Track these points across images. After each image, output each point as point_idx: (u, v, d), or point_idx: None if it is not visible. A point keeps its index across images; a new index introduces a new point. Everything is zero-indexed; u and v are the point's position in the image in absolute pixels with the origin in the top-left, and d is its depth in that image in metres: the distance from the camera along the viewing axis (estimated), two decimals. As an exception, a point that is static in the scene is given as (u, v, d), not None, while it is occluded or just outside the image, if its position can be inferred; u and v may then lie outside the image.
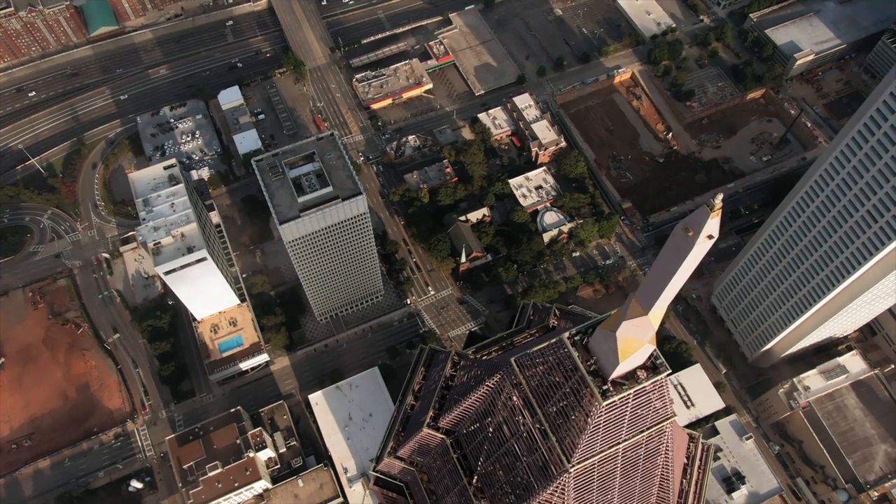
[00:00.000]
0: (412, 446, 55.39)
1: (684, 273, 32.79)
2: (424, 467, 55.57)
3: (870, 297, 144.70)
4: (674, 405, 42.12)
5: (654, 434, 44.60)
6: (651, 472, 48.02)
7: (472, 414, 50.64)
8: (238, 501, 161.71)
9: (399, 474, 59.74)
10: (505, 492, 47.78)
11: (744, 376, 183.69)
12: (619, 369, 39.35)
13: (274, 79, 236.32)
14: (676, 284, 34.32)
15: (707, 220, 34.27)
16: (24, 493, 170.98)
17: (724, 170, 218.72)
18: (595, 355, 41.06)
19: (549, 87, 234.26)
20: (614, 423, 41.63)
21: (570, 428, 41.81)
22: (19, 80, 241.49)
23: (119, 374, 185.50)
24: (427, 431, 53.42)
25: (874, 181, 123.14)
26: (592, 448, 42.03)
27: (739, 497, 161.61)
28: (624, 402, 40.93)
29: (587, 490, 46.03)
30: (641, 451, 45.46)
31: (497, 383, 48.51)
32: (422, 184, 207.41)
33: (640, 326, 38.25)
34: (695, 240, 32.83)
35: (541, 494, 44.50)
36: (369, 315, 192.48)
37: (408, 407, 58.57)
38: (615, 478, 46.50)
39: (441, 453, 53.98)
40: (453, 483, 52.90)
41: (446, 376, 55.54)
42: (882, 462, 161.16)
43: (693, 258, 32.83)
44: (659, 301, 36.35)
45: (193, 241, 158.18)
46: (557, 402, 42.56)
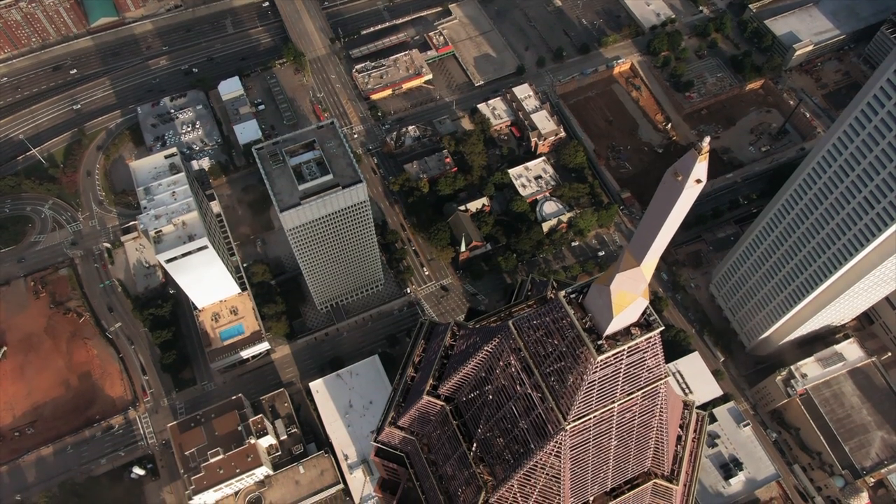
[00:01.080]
0: (412, 415, 56.24)
1: (674, 220, 33.50)
2: (425, 437, 56.42)
3: (867, 284, 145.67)
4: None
5: (648, 394, 45.42)
6: (646, 434, 48.94)
7: (471, 380, 51.50)
8: (239, 487, 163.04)
9: (400, 444, 60.56)
10: (504, 458, 48.66)
11: (742, 364, 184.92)
12: (613, 324, 40.13)
13: (274, 69, 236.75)
14: (667, 233, 35.01)
15: (695, 164, 34.81)
16: (27, 480, 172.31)
17: (723, 160, 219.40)
18: (590, 312, 41.91)
19: (549, 77, 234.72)
20: (609, 381, 42.48)
21: (566, 388, 42.75)
22: (20, 71, 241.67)
23: (121, 362, 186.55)
24: (427, 399, 54.21)
25: (871, 167, 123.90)
26: (588, 406, 42.85)
27: (737, 483, 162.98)
28: (618, 358, 41.75)
29: (583, 450, 46.89)
30: (636, 411, 46.32)
31: (496, 347, 49.34)
32: (422, 174, 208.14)
33: (633, 278, 38.99)
34: (684, 184, 33.49)
35: (538, 454, 45.34)
36: (369, 304, 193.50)
37: (408, 378, 59.44)
38: (611, 438, 47.40)
39: (441, 421, 54.88)
40: (452, 450, 53.75)
41: (446, 346, 56.38)
42: (878, 448, 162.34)
43: (683, 203, 33.48)
44: (651, 251, 37.03)
45: (194, 229, 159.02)
46: (554, 363, 43.39)
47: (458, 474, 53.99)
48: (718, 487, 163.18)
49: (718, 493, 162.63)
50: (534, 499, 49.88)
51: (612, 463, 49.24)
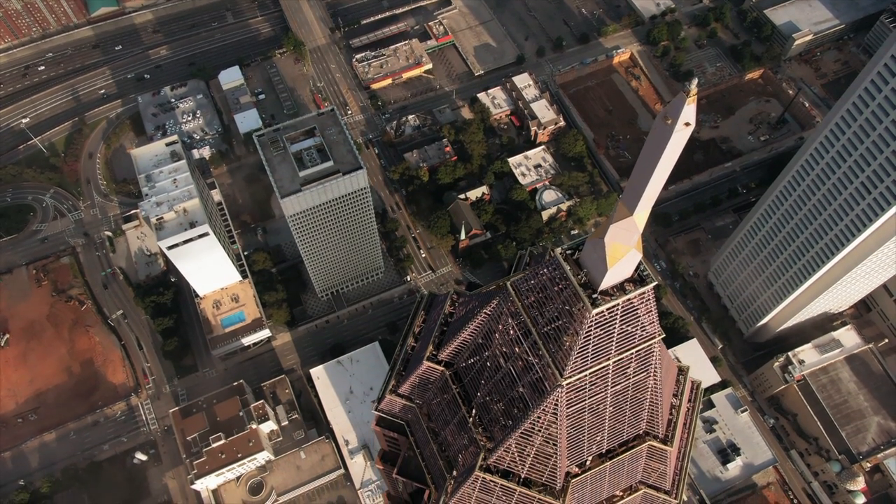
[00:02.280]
0: (413, 382, 57.23)
1: (665, 166, 34.22)
2: (425, 404, 57.49)
3: (864, 270, 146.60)
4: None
5: (642, 352, 46.36)
6: (641, 394, 49.89)
7: (470, 344, 52.50)
8: (241, 472, 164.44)
9: (400, 413, 61.57)
10: (502, 423, 49.64)
11: (740, 351, 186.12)
12: (608, 278, 40.97)
13: (274, 59, 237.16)
14: (659, 179, 35.78)
15: (684, 106, 35.45)
16: (30, 466, 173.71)
17: (722, 149, 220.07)
18: (585, 267, 42.81)
19: (549, 67, 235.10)
20: (604, 337, 43.38)
21: (563, 345, 43.71)
22: (20, 61, 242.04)
23: (122, 349, 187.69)
24: (427, 365, 55.12)
25: (868, 152, 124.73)
26: (584, 361, 43.74)
27: (734, 468, 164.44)
28: (613, 313, 42.62)
29: (579, 409, 47.84)
30: (631, 370, 47.22)
31: (494, 309, 50.29)
32: (421, 162, 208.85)
33: (626, 228, 39.90)
34: (673, 127, 34.19)
35: (535, 412, 46.30)
36: (370, 292, 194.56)
37: (408, 348, 60.44)
38: (606, 397, 48.34)
39: (441, 388, 55.87)
40: (452, 415, 54.76)
41: (445, 314, 57.44)
42: (875, 434, 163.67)
43: (673, 148, 34.11)
44: (643, 199, 37.91)
45: (196, 216, 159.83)
46: (551, 323, 44.36)
47: (458, 439, 55.02)
48: (716, 472, 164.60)
49: (716, 477, 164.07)
50: (531, 460, 50.99)
51: (607, 424, 50.25)
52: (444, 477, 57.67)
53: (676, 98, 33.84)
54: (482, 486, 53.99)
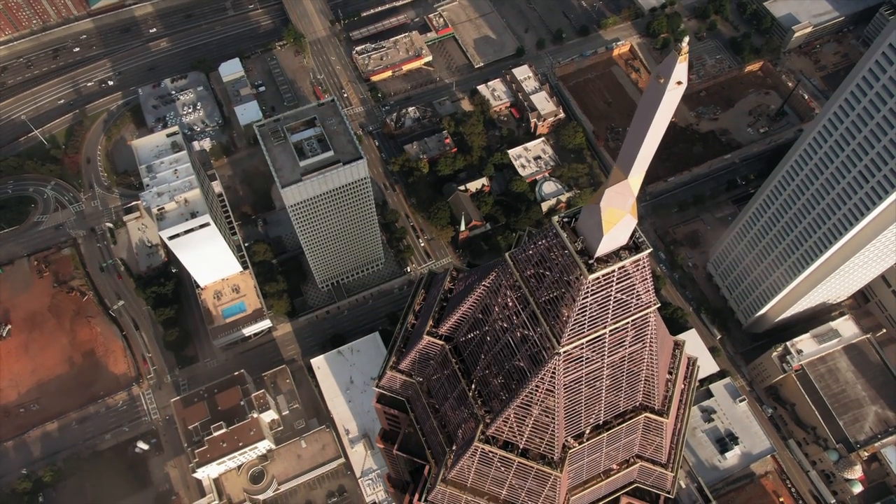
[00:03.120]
0: (413, 357, 57.88)
1: (658, 127, 34.78)
2: (425, 380, 58.22)
3: (862, 259, 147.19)
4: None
5: (638, 321, 47.01)
6: (637, 365, 50.51)
7: (469, 317, 53.20)
8: (242, 461, 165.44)
9: (401, 389, 62.30)
10: (501, 396, 50.37)
11: (738, 342, 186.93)
12: (603, 244, 41.55)
13: (274, 51, 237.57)
14: (652, 141, 36.35)
15: (676, 65, 35.98)
16: (32, 455, 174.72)
17: (722, 141, 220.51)
18: (582, 234, 43.49)
19: (548, 59, 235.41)
20: (600, 305, 44.00)
21: (560, 315, 44.41)
22: (21, 53, 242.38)
23: (124, 340, 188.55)
24: (427, 339, 55.75)
25: (866, 141, 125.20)
26: (580, 329, 44.35)
27: (732, 457, 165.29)
28: (608, 280, 43.23)
29: (576, 378, 48.51)
30: (627, 340, 47.87)
31: (493, 281, 50.94)
32: (421, 154, 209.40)
33: (621, 193, 40.53)
34: (665, 86, 34.76)
35: (533, 381, 46.97)
36: (370, 282, 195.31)
37: (409, 325, 61.18)
38: (602, 367, 48.98)
39: (441, 362, 56.54)
40: (452, 389, 55.52)
41: (445, 290, 58.15)
42: (872, 423, 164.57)
43: (665, 107, 34.56)
44: (637, 162, 38.49)
45: (196, 206, 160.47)
46: (549, 293, 45.05)
47: (458, 413, 55.76)
48: (714, 461, 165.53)
49: (714, 466, 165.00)
50: (529, 430, 51.77)
51: (604, 394, 50.97)
52: (443, 451, 58.47)
53: (668, 57, 34.45)
54: (481, 457, 54.78)
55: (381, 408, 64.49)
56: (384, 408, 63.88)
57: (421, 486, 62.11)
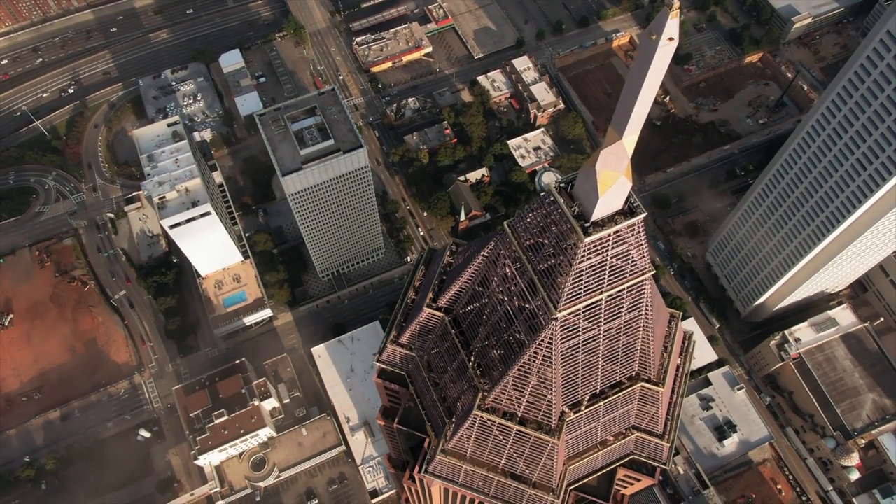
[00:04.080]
0: (413, 330, 58.71)
1: (651, 84, 35.41)
2: (425, 354, 59.14)
3: (859, 247, 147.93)
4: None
5: (634, 289, 47.79)
6: (633, 334, 51.30)
7: (468, 288, 54.05)
8: (243, 449, 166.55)
9: (401, 363, 63.21)
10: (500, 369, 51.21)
11: (737, 331, 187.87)
12: (599, 207, 42.31)
13: (274, 42, 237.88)
14: (646, 99, 36.94)
15: (668, 21, 36.39)
16: (35, 443, 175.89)
17: (721, 132, 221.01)
18: (578, 199, 44.29)
19: (548, 50, 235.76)
20: (596, 270, 44.73)
21: (557, 283, 45.20)
22: (21, 45, 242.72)
23: (125, 329, 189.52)
24: (427, 311, 56.55)
25: (863, 128, 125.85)
26: (577, 294, 45.07)
27: (730, 444, 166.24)
28: (604, 245, 44.01)
29: (573, 345, 49.33)
30: (623, 307, 48.66)
31: (491, 251, 51.88)
32: (421, 145, 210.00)
33: (616, 153, 41.31)
34: (657, 43, 35.26)
35: (530, 349, 47.78)
36: (370, 272, 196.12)
37: (409, 301, 62.00)
38: (599, 335, 49.77)
39: (441, 335, 57.41)
40: (451, 360, 56.47)
41: (444, 264, 58.99)
42: (869, 410, 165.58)
43: (658, 64, 34.96)
44: (631, 121, 39.16)
45: (197, 195, 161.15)
46: (546, 261, 45.87)
47: (457, 385, 56.70)
48: (712, 449, 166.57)
49: (712, 454, 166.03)
50: (527, 398, 52.65)
51: (600, 363, 51.80)
52: (443, 423, 59.45)
53: (660, 14, 35.12)
54: (480, 426, 55.68)
55: (381, 383, 65.36)
56: (385, 383, 64.80)
57: (421, 459, 63.19)
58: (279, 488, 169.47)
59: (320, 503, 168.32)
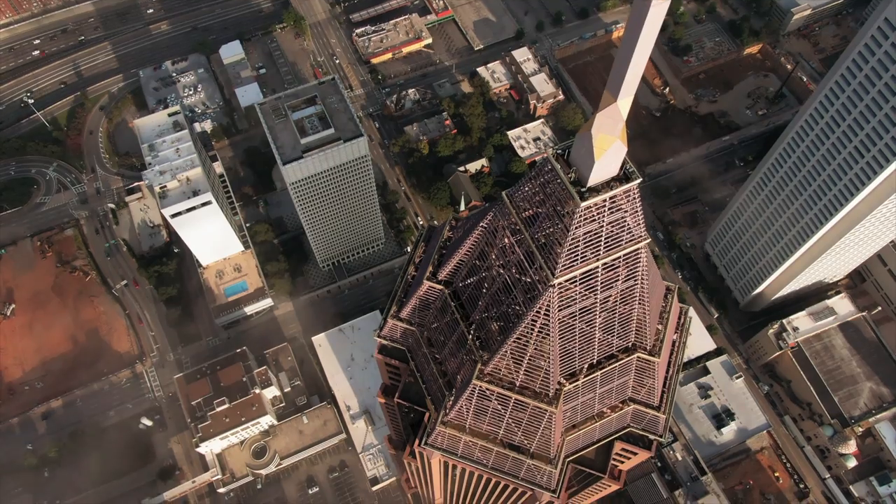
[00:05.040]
0: (413, 304, 59.41)
1: (645, 45, 36.05)
2: (425, 329, 59.91)
3: (856, 236, 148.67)
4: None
5: (630, 257, 48.47)
6: (629, 303, 52.03)
7: (467, 259, 54.78)
8: (245, 437, 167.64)
9: (401, 338, 64.06)
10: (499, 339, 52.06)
11: (736, 320, 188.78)
12: (595, 172, 42.97)
13: (274, 34, 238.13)
14: (639, 61, 37.59)
15: None
16: (37, 431, 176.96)
17: (720, 123, 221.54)
18: (575, 165, 45.01)
19: (548, 42, 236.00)
20: (593, 235, 45.49)
21: (554, 251, 45.91)
22: (22, 36, 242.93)
23: (127, 318, 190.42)
24: (427, 284, 57.25)
25: (861, 116, 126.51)
26: (574, 260, 45.76)
27: (728, 432, 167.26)
28: (600, 209, 44.73)
29: (570, 313, 50.08)
30: (619, 276, 49.37)
31: (490, 222, 52.71)
32: (421, 135, 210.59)
33: (611, 116, 41.98)
34: (650, 1, 35.88)
35: (528, 316, 48.51)
36: (370, 262, 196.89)
37: (409, 277, 62.76)
38: (595, 303, 50.50)
39: (441, 308, 58.16)
40: (451, 333, 57.28)
41: (444, 238, 59.76)
42: (867, 398, 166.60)
43: (650, 24, 35.48)
44: (625, 83, 39.87)
45: (198, 184, 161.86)
46: (543, 227, 46.59)
47: (457, 358, 57.54)
48: (711, 437, 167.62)
49: (711, 441, 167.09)
50: (525, 367, 53.45)
51: (597, 332, 52.58)
52: (443, 396, 60.36)
53: None
54: (479, 396, 56.53)
55: (382, 359, 66.21)
56: (385, 359, 65.60)
57: (421, 432, 64.09)
58: (280, 476, 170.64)
59: (321, 490, 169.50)
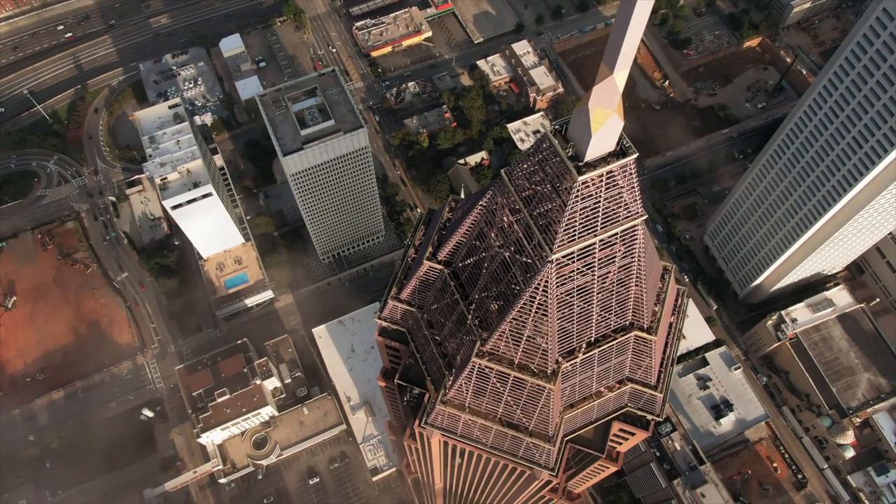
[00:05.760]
0: (413, 285, 59.97)
1: (640, 16, 36.46)
2: (426, 309, 60.50)
3: (854, 227, 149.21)
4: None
5: (627, 234, 48.98)
6: (626, 280, 52.51)
7: (467, 239, 55.29)
8: (245, 428, 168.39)
9: (401, 320, 64.69)
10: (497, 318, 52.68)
11: (734, 313, 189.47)
12: (592, 146, 43.45)
13: (274, 27, 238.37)
14: (635, 32, 37.96)
15: None
16: (39, 423, 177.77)
17: (720, 116, 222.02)
18: (573, 140, 45.57)
19: (548, 35, 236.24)
20: (590, 210, 46.00)
21: (552, 228, 46.44)
22: (22, 29, 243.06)
23: (128, 310, 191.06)
24: (427, 264, 57.72)
25: (859, 106, 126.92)
26: (571, 236, 46.32)
27: (727, 423, 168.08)
28: (597, 185, 45.24)
29: (568, 290, 50.58)
30: (616, 253, 49.86)
31: (489, 200, 53.27)
32: (421, 128, 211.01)
33: (607, 89, 42.52)
34: None
35: (527, 292, 49.03)
36: (370, 255, 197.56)
37: (409, 259, 63.30)
38: (593, 280, 50.99)
39: (441, 288, 58.75)
40: (451, 312, 57.86)
41: (444, 220, 60.34)
42: (865, 389, 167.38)
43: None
44: (621, 55, 40.36)
45: (199, 176, 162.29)
46: (542, 204, 47.12)
47: (457, 337, 58.12)
48: (709, 427, 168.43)
49: (709, 432, 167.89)
50: (524, 345, 54.05)
51: (595, 309, 53.17)
52: (443, 376, 60.99)
53: None
54: (478, 374, 57.17)
55: (382, 341, 66.84)
56: (385, 341, 66.22)
57: (420, 413, 64.76)
58: (281, 466, 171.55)
59: (322, 481, 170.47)
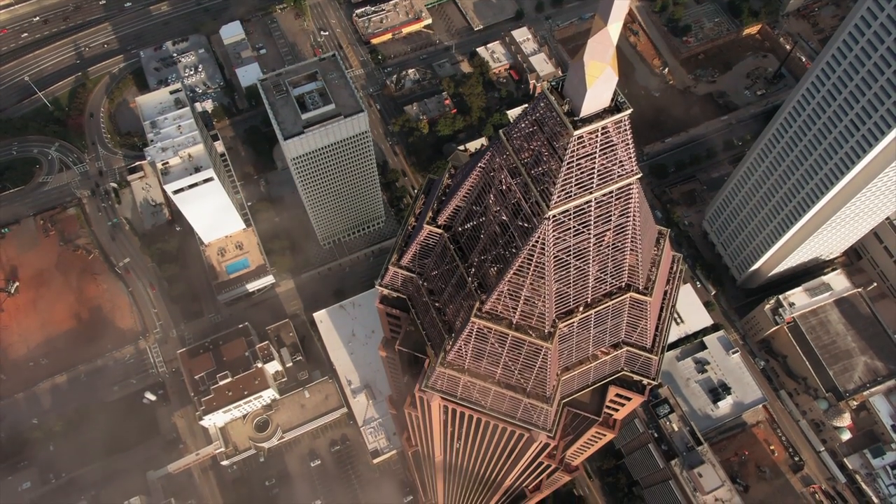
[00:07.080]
0: (414, 250, 61.05)
1: None
2: (426, 277, 61.56)
3: (851, 211, 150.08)
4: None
5: (622, 193, 49.89)
6: (621, 242, 53.49)
7: (466, 201, 56.33)
8: (247, 411, 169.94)
9: (402, 286, 65.80)
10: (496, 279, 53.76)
11: (733, 297, 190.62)
12: (587, 101, 44.44)
13: (275, 14, 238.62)
14: None
15: None
16: (42, 406, 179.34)
17: (719, 103, 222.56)
18: (568, 96, 46.58)
19: (548, 22, 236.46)
20: (585, 167, 46.98)
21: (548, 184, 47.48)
22: (22, 17, 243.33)
23: (130, 295, 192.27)
24: (427, 229, 58.75)
25: (857, 88, 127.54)
26: (567, 193, 47.29)
27: (725, 406, 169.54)
28: (593, 140, 46.19)
29: (565, 249, 51.50)
30: (612, 210, 50.77)
31: (488, 161, 54.17)
32: (421, 115, 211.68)
33: (601, 42, 43.51)
34: None
35: (524, 250, 50.02)
36: (370, 241, 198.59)
37: (409, 227, 64.40)
38: (589, 239, 52.01)
39: (441, 253, 59.79)
40: (450, 276, 58.96)
41: (444, 186, 61.40)
42: (861, 372, 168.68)
43: None
44: (615, 6, 41.37)
45: (200, 161, 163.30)
46: (539, 163, 48.10)
47: (456, 301, 59.26)
48: (707, 410, 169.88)
49: (707, 415, 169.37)
50: (522, 304, 55.14)
51: (591, 269, 54.16)
52: (442, 340, 62.17)
53: None
54: (477, 335, 58.32)
55: (383, 309, 68.01)
56: (386, 308, 67.40)
57: (421, 378, 65.93)
58: (282, 449, 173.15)
59: (323, 463, 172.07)
